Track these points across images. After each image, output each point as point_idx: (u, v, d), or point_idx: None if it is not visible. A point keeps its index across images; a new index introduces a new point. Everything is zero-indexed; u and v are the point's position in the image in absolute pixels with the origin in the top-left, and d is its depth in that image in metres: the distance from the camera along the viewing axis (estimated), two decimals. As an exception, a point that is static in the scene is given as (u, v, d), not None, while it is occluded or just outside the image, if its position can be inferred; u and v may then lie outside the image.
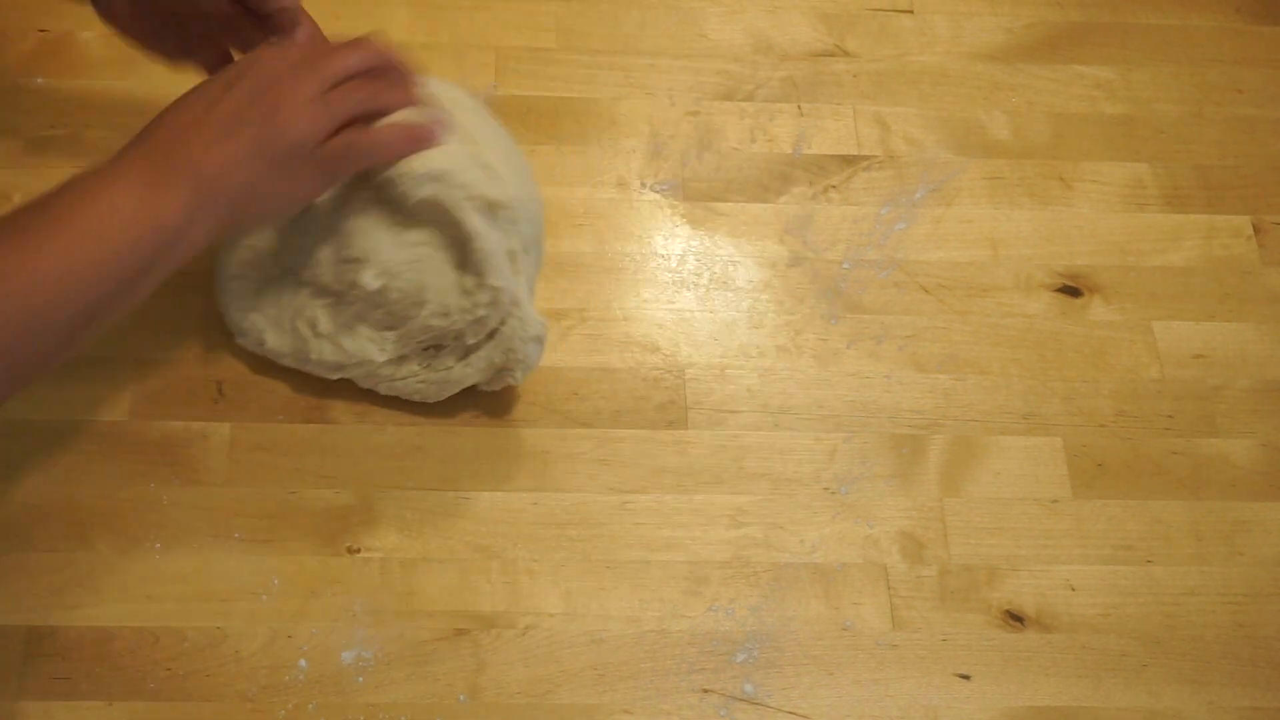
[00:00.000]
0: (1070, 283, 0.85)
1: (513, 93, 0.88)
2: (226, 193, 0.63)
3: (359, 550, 0.72)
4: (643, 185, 0.86)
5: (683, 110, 0.89)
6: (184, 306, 0.77)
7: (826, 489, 0.77)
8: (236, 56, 0.72)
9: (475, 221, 0.68)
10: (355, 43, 0.68)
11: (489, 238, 0.69)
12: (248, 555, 0.72)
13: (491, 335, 0.71)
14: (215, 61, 0.73)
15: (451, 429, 0.76)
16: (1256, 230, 0.88)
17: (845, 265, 0.84)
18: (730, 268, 0.83)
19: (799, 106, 0.90)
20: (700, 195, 0.86)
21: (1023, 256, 0.85)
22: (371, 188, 0.69)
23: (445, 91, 0.73)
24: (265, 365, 0.76)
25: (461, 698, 0.69)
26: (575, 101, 0.88)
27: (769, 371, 0.80)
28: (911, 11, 0.94)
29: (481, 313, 0.70)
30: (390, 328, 0.72)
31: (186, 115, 0.64)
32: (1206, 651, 0.74)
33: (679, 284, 0.82)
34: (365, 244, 0.69)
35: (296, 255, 0.72)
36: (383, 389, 0.75)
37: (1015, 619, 0.74)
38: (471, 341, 0.72)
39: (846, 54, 0.92)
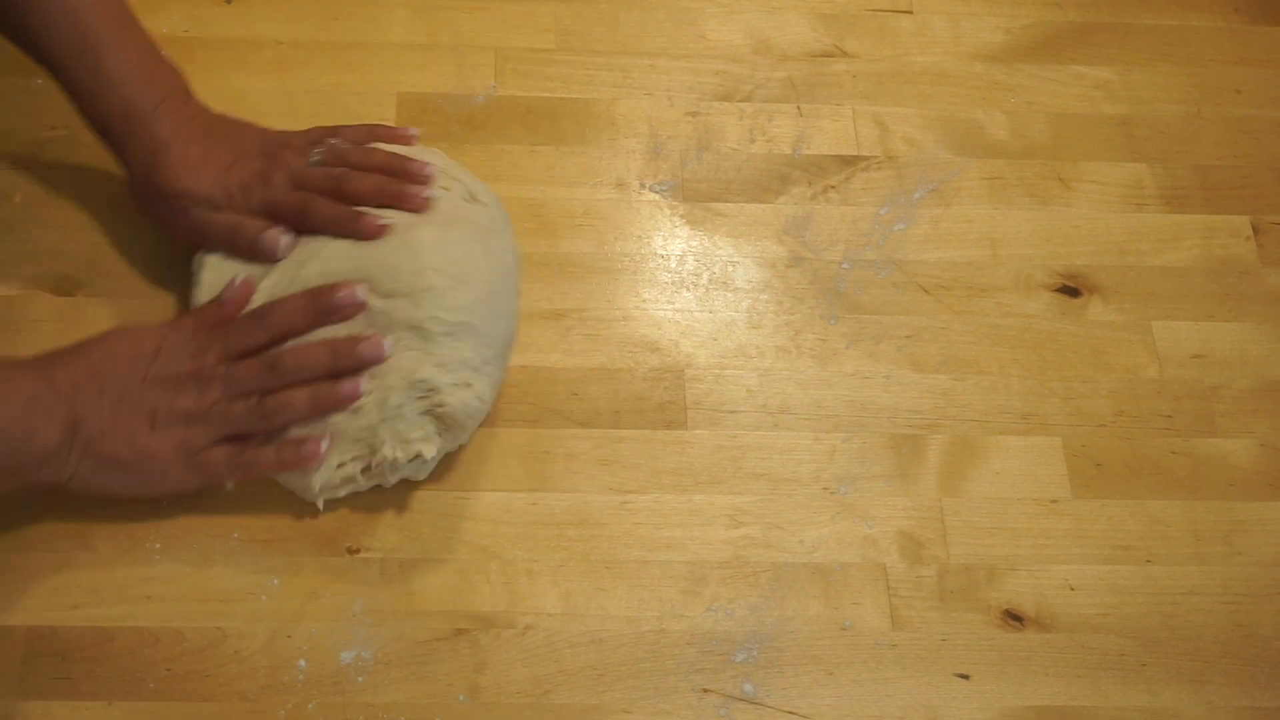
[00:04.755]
0: (1069, 283, 0.85)
1: (512, 93, 0.88)
2: (82, 423, 0.65)
3: (358, 550, 0.73)
4: (642, 186, 0.86)
5: (682, 111, 0.89)
6: (183, 306, 0.77)
7: (826, 489, 0.77)
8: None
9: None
10: (274, 358, 0.69)
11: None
12: (247, 555, 0.72)
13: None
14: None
15: (451, 429, 0.76)
16: (1255, 230, 0.88)
17: (844, 265, 0.84)
18: (729, 268, 0.83)
19: (798, 107, 0.90)
20: (699, 196, 0.86)
21: (1022, 256, 0.85)
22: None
23: (456, 179, 0.76)
24: (265, 365, 0.76)
25: (461, 698, 0.69)
26: (574, 102, 0.88)
27: (768, 371, 0.80)
28: (911, 12, 0.94)
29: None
30: None
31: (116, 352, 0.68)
32: (1205, 651, 0.74)
33: (678, 284, 0.82)
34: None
35: None
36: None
37: (1014, 619, 0.74)
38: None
39: (846, 54, 0.92)
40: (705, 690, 0.71)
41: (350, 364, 0.69)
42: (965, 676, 0.72)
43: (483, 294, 0.72)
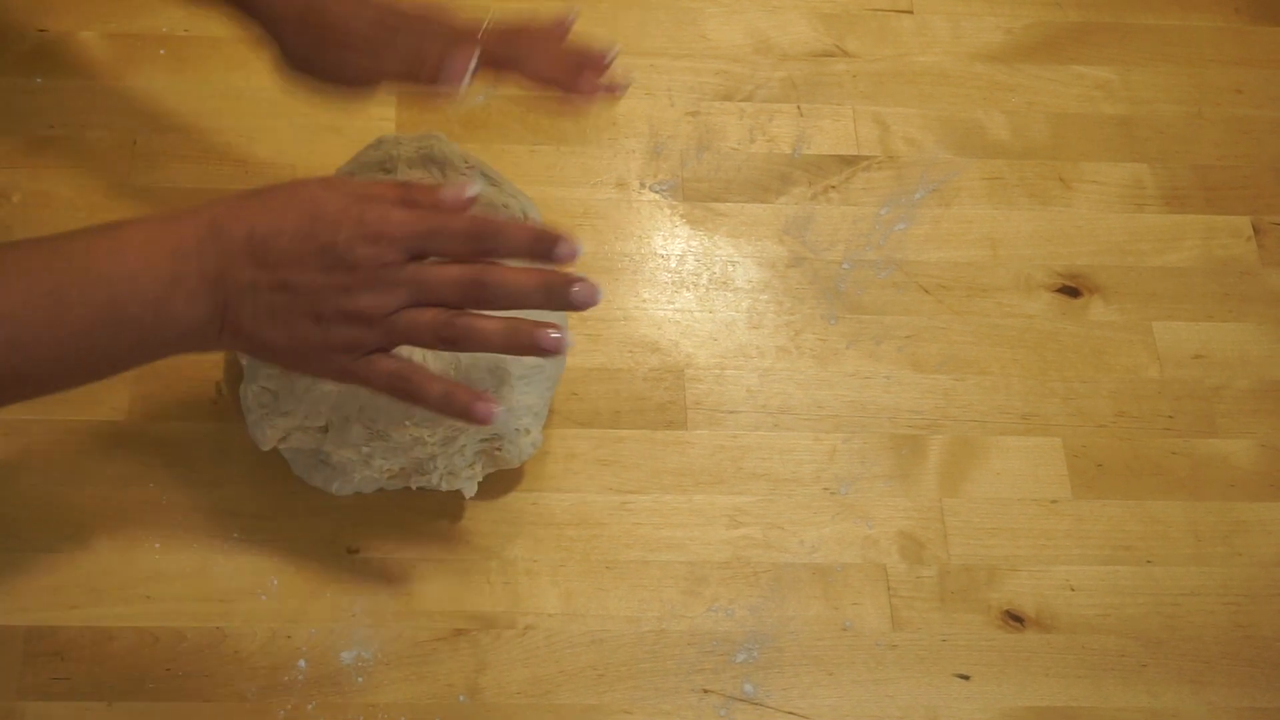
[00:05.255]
0: (1070, 283, 0.85)
1: (512, 93, 0.87)
2: (231, 307, 0.57)
3: (358, 550, 0.73)
4: (642, 185, 0.86)
5: (682, 110, 0.89)
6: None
7: (826, 489, 0.77)
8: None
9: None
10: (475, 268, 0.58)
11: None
12: (247, 555, 0.72)
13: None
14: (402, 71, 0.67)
15: (451, 429, 0.76)
16: (1256, 230, 0.88)
17: (845, 265, 0.84)
18: (729, 268, 0.83)
19: (798, 107, 0.90)
20: (699, 195, 0.86)
21: (1022, 257, 0.85)
22: None
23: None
24: (265, 365, 0.76)
25: (461, 698, 0.69)
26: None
27: (768, 372, 0.80)
28: (911, 12, 0.94)
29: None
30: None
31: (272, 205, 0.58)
32: (1205, 652, 0.74)
33: (678, 284, 0.82)
34: None
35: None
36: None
37: (1015, 619, 0.74)
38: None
39: (846, 54, 0.92)
40: (705, 691, 0.71)
41: (560, 304, 0.58)
42: (965, 677, 0.72)
43: None
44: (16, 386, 0.56)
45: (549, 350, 0.58)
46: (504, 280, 0.58)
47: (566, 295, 0.58)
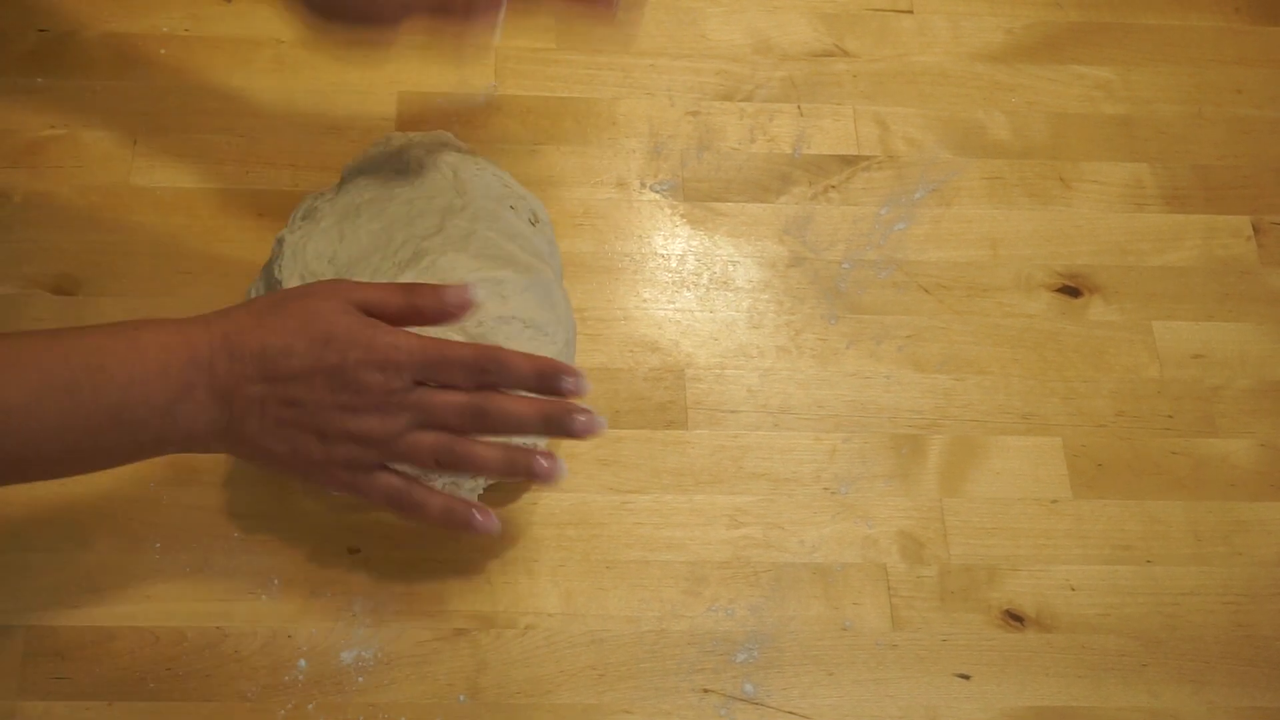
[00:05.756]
0: (1070, 283, 0.85)
1: (512, 93, 0.88)
2: (238, 419, 0.59)
3: (359, 550, 0.73)
4: (642, 185, 0.86)
5: (682, 110, 0.89)
6: (184, 307, 0.77)
7: (826, 489, 0.77)
8: None
9: None
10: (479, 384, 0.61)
11: None
12: (247, 555, 0.72)
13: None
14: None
15: (451, 429, 0.76)
16: (1256, 230, 0.88)
17: (845, 265, 0.84)
18: (730, 268, 0.83)
19: (799, 107, 0.90)
20: (700, 195, 0.86)
21: (1022, 256, 0.85)
22: None
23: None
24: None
25: (461, 698, 0.69)
26: (575, 102, 0.88)
27: (769, 371, 0.80)
28: (911, 11, 0.94)
29: None
30: None
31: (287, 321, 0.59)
32: (1206, 651, 0.74)
33: (679, 284, 0.82)
34: None
35: None
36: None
37: (1015, 619, 0.74)
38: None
39: (846, 54, 0.92)
40: (706, 690, 0.71)
41: (560, 433, 0.61)
42: (966, 677, 0.72)
43: (561, 346, 0.72)
44: (18, 474, 0.58)
45: (543, 478, 0.61)
46: (504, 409, 0.60)
47: (567, 425, 0.61)
